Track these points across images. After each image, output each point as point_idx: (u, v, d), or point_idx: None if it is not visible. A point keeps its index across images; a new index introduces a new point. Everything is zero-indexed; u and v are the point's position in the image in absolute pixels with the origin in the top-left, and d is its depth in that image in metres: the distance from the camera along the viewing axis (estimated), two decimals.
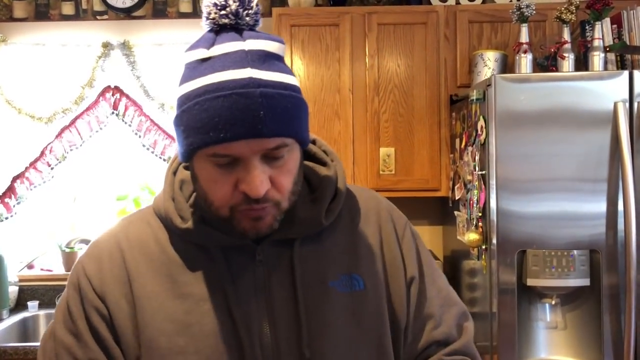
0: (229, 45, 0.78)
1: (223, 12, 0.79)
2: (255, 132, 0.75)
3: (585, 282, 1.96)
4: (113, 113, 2.86)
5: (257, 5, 0.81)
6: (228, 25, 0.80)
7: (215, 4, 0.80)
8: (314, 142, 0.97)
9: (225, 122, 0.74)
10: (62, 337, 0.87)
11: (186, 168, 0.92)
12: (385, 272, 0.93)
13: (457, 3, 2.67)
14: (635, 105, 1.93)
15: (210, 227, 0.86)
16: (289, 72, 0.82)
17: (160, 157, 2.84)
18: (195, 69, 0.79)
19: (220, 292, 0.85)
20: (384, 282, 0.93)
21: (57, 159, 2.84)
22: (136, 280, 0.87)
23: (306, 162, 0.93)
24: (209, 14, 0.80)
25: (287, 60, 2.55)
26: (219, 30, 0.81)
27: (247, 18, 0.80)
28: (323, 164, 0.95)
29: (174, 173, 0.93)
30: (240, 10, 0.79)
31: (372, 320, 0.90)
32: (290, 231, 0.88)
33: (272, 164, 0.80)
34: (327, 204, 0.91)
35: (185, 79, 0.80)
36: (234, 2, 0.79)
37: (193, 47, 0.81)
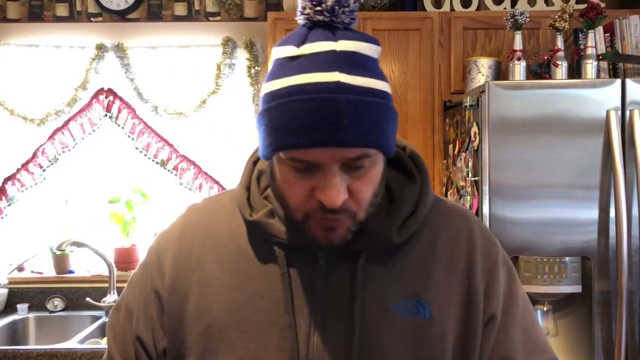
0: (319, 45, 0.74)
1: (318, 8, 0.75)
2: (336, 140, 0.71)
3: (577, 288, 1.96)
4: (106, 115, 2.85)
5: (354, 2, 0.76)
6: (322, 23, 0.76)
7: None
8: (404, 149, 0.90)
9: (306, 128, 0.71)
10: (129, 301, 0.93)
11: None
12: (461, 306, 0.85)
13: (452, 10, 2.68)
14: (628, 113, 1.94)
15: (278, 223, 0.84)
16: (381, 76, 0.77)
17: (153, 160, 2.83)
18: (283, 66, 0.76)
19: (277, 291, 0.83)
20: (458, 317, 0.84)
21: (49, 161, 2.82)
22: (200, 266, 0.88)
23: (391, 170, 0.87)
24: (304, 8, 0.76)
25: None
26: (312, 26, 0.77)
27: (343, 16, 0.75)
28: (410, 175, 0.88)
29: (254, 163, 0.92)
30: (337, 7, 0.75)
31: (431, 354, 0.82)
32: (356, 242, 0.82)
33: (352, 174, 0.76)
34: (403, 219, 0.84)
35: (272, 76, 0.77)
36: None
37: (283, 42, 0.78)
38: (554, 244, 1.96)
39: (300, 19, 0.78)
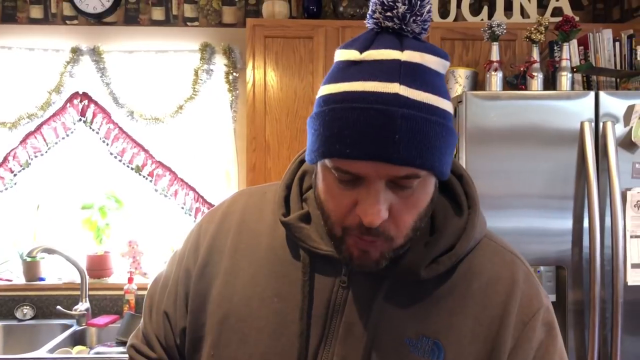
0: (384, 52, 0.71)
1: (389, 13, 0.71)
2: (384, 156, 0.67)
3: (551, 297, 1.98)
4: (80, 120, 2.80)
5: (428, 12, 0.73)
6: (391, 29, 0.72)
7: (382, 3, 0.72)
8: (460, 177, 0.84)
9: (355, 138, 0.68)
10: (167, 275, 0.96)
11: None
12: (479, 356, 0.78)
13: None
14: (601, 125, 1.97)
15: (309, 228, 0.82)
16: (444, 94, 0.72)
17: (128, 166, 2.79)
18: (343, 70, 0.72)
19: (296, 297, 0.81)
20: None
21: (21, 166, 2.76)
22: (233, 253, 0.88)
23: (440, 198, 0.81)
24: (374, 12, 0.73)
25: (260, 72, 2.55)
26: (379, 32, 0.73)
27: (414, 24, 0.72)
28: (458, 206, 0.82)
29: (301, 162, 0.90)
30: (408, 14, 0.71)
31: None
32: (384, 269, 0.77)
33: (397, 193, 0.71)
34: (437, 254, 0.78)
35: (330, 79, 0.74)
36: (403, 4, 0.71)
37: (348, 45, 0.74)
38: (529, 253, 1.97)
39: (369, 23, 0.75)
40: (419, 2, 0.71)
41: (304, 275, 0.81)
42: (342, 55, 0.74)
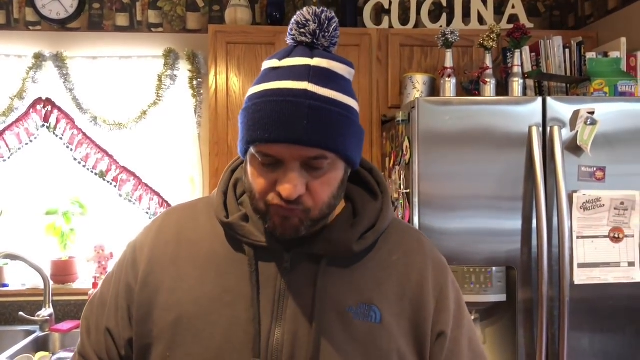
0: (297, 60, 0.86)
1: (302, 30, 0.88)
2: (295, 138, 0.81)
3: (501, 297, 2.04)
4: (44, 125, 2.80)
5: (335, 29, 0.89)
6: (304, 43, 0.88)
7: (297, 22, 0.88)
8: (370, 171, 1.01)
9: (272, 125, 0.82)
10: (103, 292, 1.01)
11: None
12: (410, 315, 0.93)
13: (390, 27, 2.76)
14: (548, 129, 2.04)
15: (250, 226, 0.93)
16: (349, 93, 0.88)
17: (92, 171, 2.80)
18: (265, 75, 0.88)
19: (245, 288, 0.90)
20: (407, 326, 0.93)
21: None
22: (173, 262, 0.95)
23: (356, 187, 0.98)
24: (291, 30, 0.89)
25: (222, 77, 2.58)
26: (296, 45, 0.89)
27: (323, 39, 0.88)
28: (373, 193, 0.98)
29: (233, 171, 1.02)
30: (318, 30, 0.87)
31: (379, 355, 0.90)
32: (320, 248, 0.91)
33: (311, 173, 0.85)
34: (363, 231, 0.93)
35: (256, 82, 0.89)
36: (314, 22, 0.87)
37: (272, 56, 0.90)
38: (480, 253, 2.03)
39: (288, 39, 0.91)
40: (326, 22, 0.88)
41: (251, 267, 0.91)
42: (266, 64, 0.90)
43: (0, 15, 2.84)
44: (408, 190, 2.11)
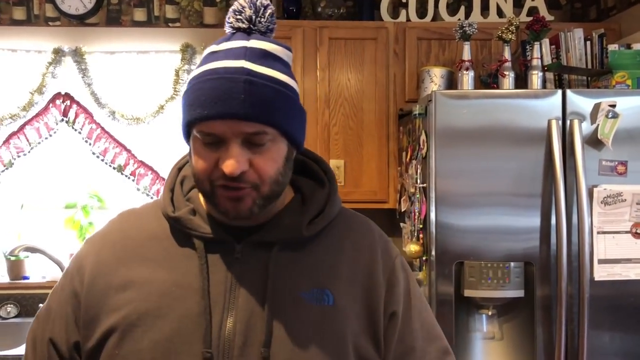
0: (234, 43, 0.88)
1: (239, 16, 0.90)
2: (233, 112, 0.82)
3: (520, 293, 2.01)
4: (63, 120, 2.83)
5: (271, 15, 0.91)
6: (242, 29, 0.90)
7: (234, 10, 0.91)
8: (317, 161, 1.02)
9: (210, 101, 0.83)
10: (48, 305, 0.99)
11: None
12: (363, 297, 0.94)
13: (408, 20, 2.73)
14: (568, 123, 2.00)
15: (199, 220, 0.93)
16: (287, 73, 0.89)
17: (110, 166, 2.82)
18: (205, 59, 0.89)
19: (195, 282, 0.89)
20: (360, 308, 0.93)
21: (4, 166, 2.79)
22: (123, 264, 0.94)
23: (304, 178, 1.00)
24: (228, 18, 0.91)
25: None
26: (234, 32, 0.91)
27: (260, 25, 0.90)
28: (320, 182, 1.00)
29: (179, 169, 1.02)
30: (254, 16, 0.89)
31: (333, 337, 0.90)
32: (271, 235, 0.92)
33: (253, 150, 0.85)
34: (312, 216, 0.94)
35: (196, 68, 0.91)
36: (250, 9, 0.89)
37: (212, 43, 0.91)
38: (498, 250, 2.01)
39: (226, 27, 0.92)
40: (262, 8, 0.90)
41: (201, 259, 0.91)
42: (206, 51, 0.92)
43: (21, 11, 2.87)
44: (425, 185, 2.09)
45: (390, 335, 0.95)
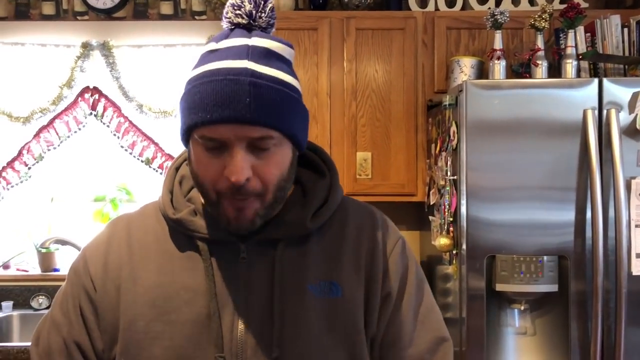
0: (235, 40, 0.84)
1: (238, 11, 0.85)
2: (239, 117, 0.79)
3: (553, 287, 1.96)
4: (91, 114, 2.86)
5: (271, 10, 0.86)
6: (241, 25, 0.86)
7: (232, 4, 0.86)
8: (315, 151, 0.99)
9: (213, 105, 0.79)
10: (55, 314, 0.95)
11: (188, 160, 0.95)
12: (365, 283, 0.93)
13: (437, 9, 2.68)
14: (605, 113, 1.94)
15: (200, 220, 0.90)
16: (290, 72, 0.86)
17: (138, 159, 2.84)
18: (203, 58, 0.85)
19: (202, 284, 0.87)
20: (364, 294, 0.92)
21: (35, 159, 2.83)
22: (127, 266, 0.92)
23: (303, 169, 0.96)
24: (227, 12, 0.87)
25: None
26: (233, 28, 0.87)
27: (260, 20, 0.86)
28: (320, 172, 0.97)
29: (177, 169, 0.98)
30: (254, 11, 0.85)
31: (345, 328, 0.89)
32: (275, 232, 0.89)
33: (257, 155, 0.82)
34: (315, 209, 0.92)
35: (194, 67, 0.86)
36: (249, 3, 0.85)
37: (210, 40, 0.88)
38: (531, 244, 1.96)
39: (223, 23, 0.88)
40: (262, 3, 0.85)
41: (205, 262, 0.88)
42: (204, 48, 0.87)
43: (50, 6, 2.90)
44: (455, 177, 2.05)
45: (382, 317, 0.93)
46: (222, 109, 0.78)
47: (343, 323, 0.89)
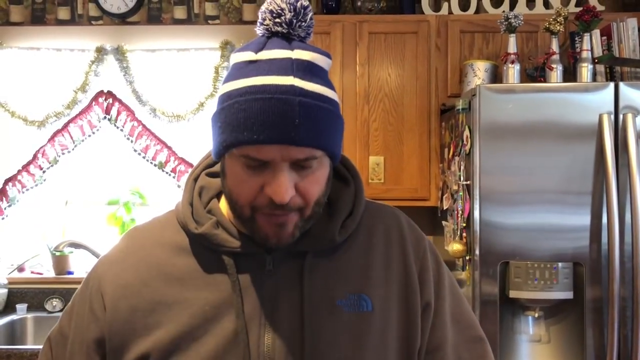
0: (277, 52, 0.80)
1: (277, 20, 0.81)
2: (288, 138, 0.76)
3: (568, 295, 1.94)
4: (105, 118, 2.88)
5: (311, 18, 0.83)
6: (280, 34, 0.82)
7: (271, 11, 0.82)
8: None
9: (261, 124, 0.76)
10: (52, 338, 0.95)
11: (215, 163, 0.94)
12: (401, 297, 0.90)
13: (450, 13, 2.66)
14: (621, 117, 1.91)
15: (224, 233, 0.87)
16: (331, 86, 0.84)
17: (152, 163, 2.85)
18: (241, 69, 0.81)
19: (227, 299, 0.85)
20: (398, 306, 0.89)
21: (49, 163, 2.85)
22: (148, 284, 0.88)
23: None
24: (264, 20, 0.83)
25: None
26: (270, 37, 0.83)
27: (300, 29, 0.82)
28: (344, 179, 0.94)
29: (195, 180, 0.95)
30: (294, 20, 0.81)
31: (376, 343, 0.87)
32: (302, 244, 0.87)
33: (300, 173, 0.80)
34: (342, 220, 0.90)
35: (230, 78, 0.82)
36: (290, 12, 0.81)
37: (243, 49, 0.83)
38: (545, 249, 1.93)
39: (259, 30, 0.84)
40: (302, 10, 0.82)
41: (232, 276, 0.85)
42: (238, 57, 0.83)
43: (66, 11, 2.93)
44: (468, 182, 2.03)
45: (425, 327, 0.91)
46: (271, 130, 0.76)
47: (373, 338, 0.86)
